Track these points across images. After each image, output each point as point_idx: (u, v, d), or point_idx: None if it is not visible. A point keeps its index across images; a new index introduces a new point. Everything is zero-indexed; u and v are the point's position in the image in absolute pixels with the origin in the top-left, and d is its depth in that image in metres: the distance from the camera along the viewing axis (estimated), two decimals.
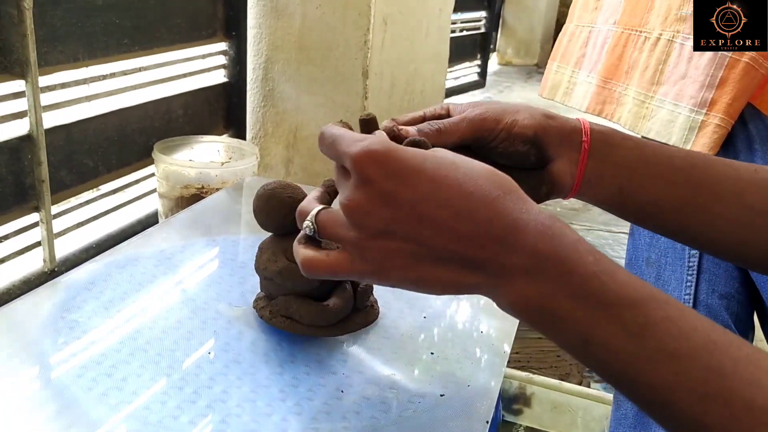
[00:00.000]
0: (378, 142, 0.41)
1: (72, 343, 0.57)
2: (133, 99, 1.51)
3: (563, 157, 0.54)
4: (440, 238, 0.40)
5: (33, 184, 1.25)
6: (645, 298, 0.37)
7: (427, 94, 2.46)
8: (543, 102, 0.93)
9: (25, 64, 1.18)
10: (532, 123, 0.53)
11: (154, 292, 0.66)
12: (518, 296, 0.39)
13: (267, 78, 1.91)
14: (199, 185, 1.47)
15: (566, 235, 0.40)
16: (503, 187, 0.41)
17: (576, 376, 1.25)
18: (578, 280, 0.38)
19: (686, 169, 0.54)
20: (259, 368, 0.55)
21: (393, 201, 0.40)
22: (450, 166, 0.41)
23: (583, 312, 0.37)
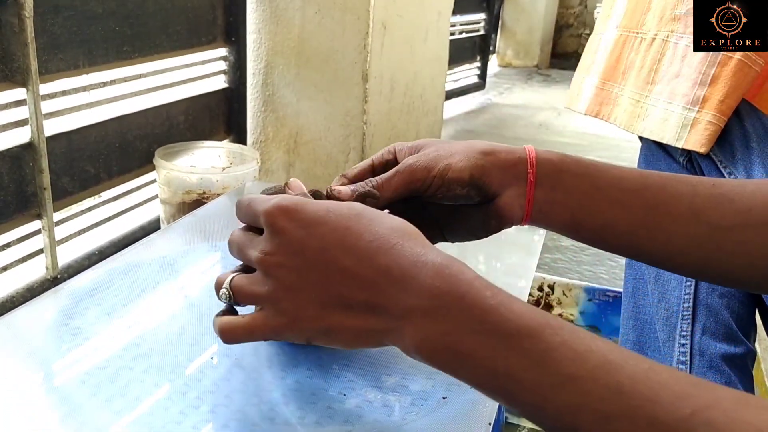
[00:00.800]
0: (287, 197, 0.45)
1: (75, 350, 0.57)
2: (134, 105, 1.51)
3: (509, 190, 0.54)
4: (345, 285, 0.42)
5: (35, 191, 1.25)
6: (542, 326, 0.38)
7: (426, 97, 2.46)
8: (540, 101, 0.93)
9: (26, 73, 1.18)
10: (467, 165, 0.53)
11: (156, 297, 0.66)
12: (422, 338, 0.40)
13: (267, 83, 1.92)
14: (201, 191, 1.47)
15: (463, 272, 0.41)
16: (403, 235, 0.43)
17: None
18: (477, 315, 0.39)
19: (638, 190, 0.54)
20: (261, 373, 0.56)
21: (302, 250, 0.43)
22: (354, 217, 0.44)
23: (486, 345, 0.38)
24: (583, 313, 1.42)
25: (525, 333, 0.38)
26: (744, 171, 0.78)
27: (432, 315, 0.40)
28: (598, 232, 0.55)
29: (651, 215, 0.53)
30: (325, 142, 1.92)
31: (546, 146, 2.19)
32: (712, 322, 0.78)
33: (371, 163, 0.59)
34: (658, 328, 0.82)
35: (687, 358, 0.78)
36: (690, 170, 0.84)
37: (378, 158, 0.59)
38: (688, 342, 0.78)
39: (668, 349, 0.79)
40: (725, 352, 0.77)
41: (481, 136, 3.16)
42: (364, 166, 0.59)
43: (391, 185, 0.54)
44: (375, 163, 0.59)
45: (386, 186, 0.54)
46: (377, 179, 0.55)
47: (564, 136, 3.23)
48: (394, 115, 2.13)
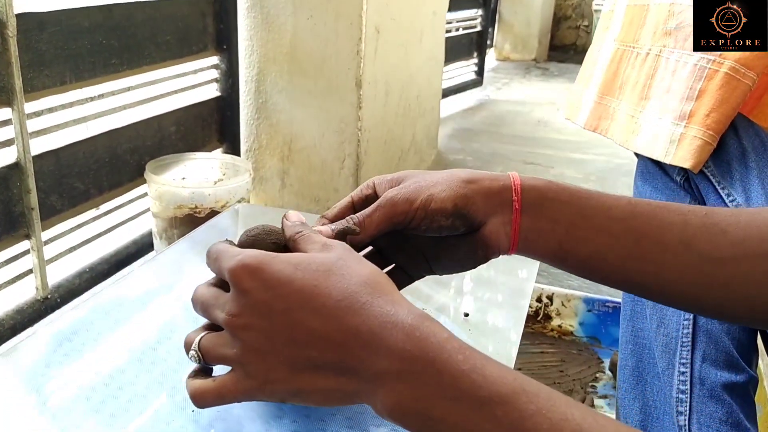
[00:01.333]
0: (252, 255, 0.43)
1: (74, 367, 0.56)
2: (124, 119, 1.49)
3: (494, 218, 0.52)
4: (314, 347, 0.41)
5: (23, 211, 1.23)
6: (516, 392, 0.37)
7: (423, 98, 2.44)
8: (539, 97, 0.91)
9: (11, 92, 1.16)
10: (450, 195, 0.51)
11: (155, 313, 0.65)
12: (394, 402, 0.39)
13: (260, 90, 1.89)
14: (193, 205, 1.45)
15: (434, 334, 0.39)
16: (374, 291, 0.41)
17: (579, 392, 1.23)
18: (449, 381, 0.38)
19: (627, 219, 0.51)
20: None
21: (268, 312, 0.41)
22: (321, 274, 0.42)
23: (459, 412, 0.37)
24: (582, 324, 1.41)
25: (498, 400, 0.37)
26: (742, 191, 0.76)
27: (403, 380, 0.39)
28: (587, 262, 0.53)
29: (640, 245, 0.51)
30: (320, 149, 1.90)
31: (545, 143, 2.18)
32: (713, 349, 0.76)
33: (350, 200, 0.57)
34: (657, 355, 0.80)
35: (687, 387, 0.76)
36: (687, 190, 0.82)
37: (357, 194, 0.57)
38: (688, 371, 0.76)
39: (668, 377, 0.77)
40: (726, 381, 0.75)
41: (479, 134, 3.14)
42: (344, 204, 0.57)
43: (372, 221, 0.52)
44: (354, 199, 0.57)
45: (368, 222, 0.52)
46: (358, 216, 0.53)
47: (563, 133, 3.21)
48: (389, 119, 2.11)
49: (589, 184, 2.51)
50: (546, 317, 1.44)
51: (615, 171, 2.64)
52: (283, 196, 1.97)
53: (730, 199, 0.76)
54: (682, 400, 0.75)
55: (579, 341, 1.41)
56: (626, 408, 0.82)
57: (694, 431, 0.74)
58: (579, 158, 2.82)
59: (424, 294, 0.75)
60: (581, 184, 2.46)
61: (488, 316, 0.74)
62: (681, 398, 0.76)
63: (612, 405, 1.21)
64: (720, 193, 0.77)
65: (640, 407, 0.80)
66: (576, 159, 2.81)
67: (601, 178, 2.58)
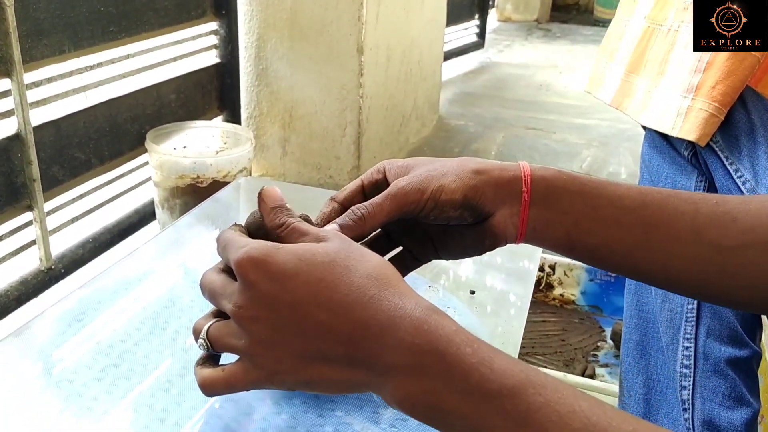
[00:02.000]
0: (256, 247, 0.43)
1: (82, 345, 0.57)
2: (123, 88, 1.48)
3: (503, 209, 0.52)
4: (323, 339, 0.41)
5: (24, 183, 1.23)
6: (524, 384, 0.37)
7: (424, 62, 2.41)
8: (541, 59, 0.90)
9: (9, 63, 1.15)
10: (459, 186, 0.51)
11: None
12: (404, 394, 0.40)
13: (260, 57, 1.87)
14: (195, 175, 1.44)
15: (443, 327, 0.40)
16: (380, 283, 0.41)
17: (581, 361, 1.24)
18: (458, 375, 0.38)
19: (637, 209, 0.51)
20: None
21: (275, 305, 0.41)
22: (327, 266, 0.42)
23: (468, 405, 0.38)
24: (584, 293, 1.41)
25: (507, 393, 0.37)
26: (750, 166, 0.75)
27: (412, 373, 0.39)
28: (594, 252, 0.53)
29: (650, 235, 0.51)
30: (321, 116, 1.88)
31: (547, 108, 2.16)
32: (717, 325, 0.77)
33: (361, 184, 0.56)
34: (661, 330, 0.80)
35: (691, 362, 0.76)
36: (694, 165, 0.81)
37: (368, 178, 0.56)
38: (692, 345, 0.76)
39: (672, 352, 0.78)
40: (730, 356, 0.75)
41: (481, 99, 3.11)
42: (354, 188, 0.56)
43: (383, 210, 0.52)
44: (365, 183, 0.56)
45: (378, 211, 0.52)
46: (368, 205, 0.52)
47: (566, 97, 3.18)
48: (391, 85, 2.09)
49: (592, 149, 2.50)
50: (548, 286, 1.45)
51: (618, 136, 2.63)
52: (285, 164, 1.96)
53: (738, 174, 0.75)
54: (685, 375, 0.76)
55: (581, 310, 1.42)
56: (630, 381, 0.83)
57: (697, 405, 0.75)
58: (582, 123, 2.80)
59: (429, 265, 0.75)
60: (583, 150, 2.46)
61: (496, 282, 0.74)
62: (685, 373, 0.76)
63: (613, 374, 1.23)
64: (728, 169, 0.76)
65: (644, 381, 0.81)
66: (579, 124, 2.79)
67: (603, 143, 2.56)
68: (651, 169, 0.86)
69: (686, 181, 0.81)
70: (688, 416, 0.75)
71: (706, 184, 0.80)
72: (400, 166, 0.55)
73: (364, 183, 0.56)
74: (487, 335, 0.66)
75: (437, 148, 2.43)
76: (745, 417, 0.74)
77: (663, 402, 0.79)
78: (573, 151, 2.47)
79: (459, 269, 0.76)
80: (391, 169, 0.55)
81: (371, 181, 0.56)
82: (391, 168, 0.55)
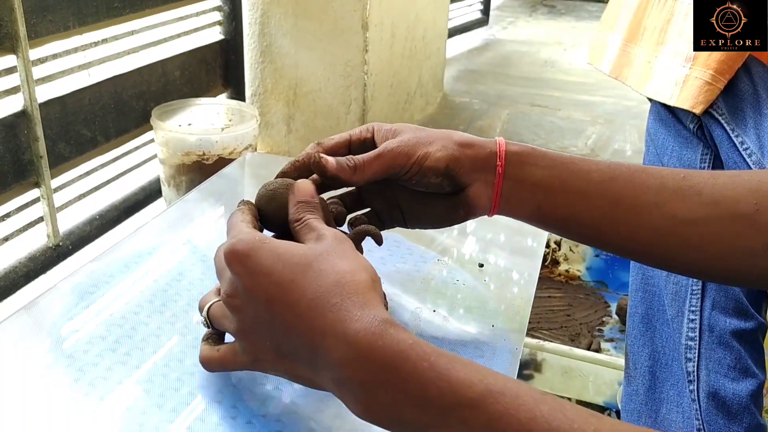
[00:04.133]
0: (244, 240, 0.44)
1: (94, 316, 0.58)
2: (128, 64, 1.47)
3: (478, 182, 0.55)
4: (290, 339, 0.42)
5: (31, 159, 1.23)
6: (483, 395, 0.37)
7: (429, 39, 2.40)
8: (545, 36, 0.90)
9: (15, 39, 1.14)
10: (444, 155, 0.54)
11: (167, 259, 0.65)
12: (365, 407, 0.40)
13: (264, 33, 1.86)
14: (200, 152, 1.44)
15: (398, 342, 0.40)
16: (346, 291, 0.42)
17: (586, 336, 1.25)
18: (415, 389, 0.38)
19: (604, 182, 0.54)
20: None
21: (253, 299, 0.43)
22: (301, 268, 0.43)
23: (430, 417, 0.38)
24: (589, 268, 1.42)
25: (466, 404, 0.37)
26: (756, 138, 0.75)
27: (369, 388, 0.40)
28: (563, 223, 0.56)
29: (616, 207, 0.54)
30: (326, 93, 1.88)
31: (552, 85, 2.15)
32: (722, 297, 0.77)
33: (348, 138, 0.58)
34: (666, 303, 0.81)
35: (696, 335, 0.77)
36: (700, 138, 0.81)
37: (356, 134, 0.59)
38: (697, 318, 0.77)
39: (677, 324, 0.78)
40: (735, 328, 0.76)
41: (486, 75, 3.10)
42: (341, 139, 0.58)
43: (371, 168, 0.54)
44: (353, 138, 0.58)
45: (366, 168, 0.54)
46: (357, 159, 0.55)
47: (570, 74, 3.16)
48: (395, 62, 2.08)
49: (597, 126, 2.49)
50: (554, 262, 1.45)
51: (623, 113, 2.62)
52: (289, 141, 1.96)
53: (744, 147, 0.75)
54: (690, 347, 0.77)
55: (586, 286, 1.43)
56: (635, 354, 0.83)
57: (702, 377, 0.76)
58: (587, 100, 2.79)
59: (437, 240, 0.76)
60: (588, 127, 2.46)
61: (501, 260, 0.74)
62: (690, 345, 0.77)
63: (618, 348, 1.24)
64: (733, 141, 0.76)
65: (649, 354, 0.82)
66: (584, 101, 2.78)
67: (609, 120, 2.55)
68: (656, 143, 0.86)
69: (692, 154, 0.81)
70: (694, 388, 0.76)
71: (712, 157, 0.80)
72: (388, 129, 0.58)
73: (351, 138, 0.59)
74: (495, 308, 0.67)
75: (442, 125, 2.43)
76: (751, 388, 0.75)
77: (668, 374, 0.80)
78: (578, 128, 2.46)
79: (464, 246, 0.77)
80: (379, 131, 0.58)
81: (359, 138, 0.59)
82: (380, 130, 0.58)
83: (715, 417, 0.75)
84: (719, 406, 0.75)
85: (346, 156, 0.55)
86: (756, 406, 0.75)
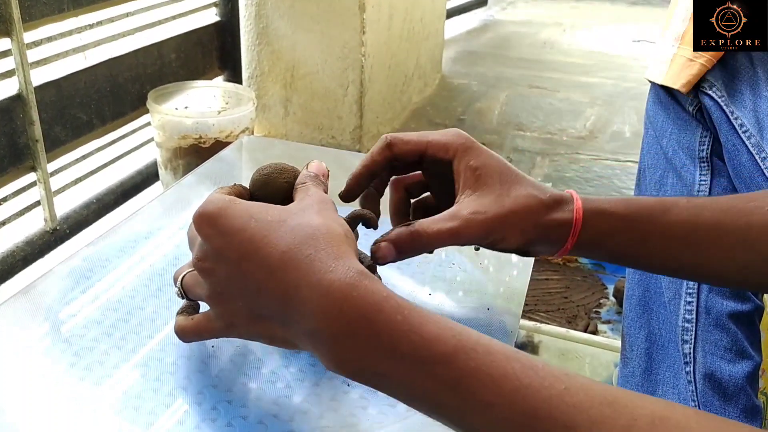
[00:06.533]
0: (212, 201, 0.44)
1: (91, 300, 0.58)
2: (123, 47, 1.46)
3: (542, 247, 0.55)
4: (261, 297, 0.42)
5: (27, 143, 1.23)
6: (455, 351, 0.37)
7: (427, 20, 2.38)
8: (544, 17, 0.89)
9: (9, 22, 1.14)
10: (521, 241, 0.53)
11: (163, 244, 0.65)
12: (337, 359, 0.40)
13: (260, 15, 1.84)
14: (197, 135, 1.44)
15: (372, 293, 0.39)
16: (319, 243, 0.41)
17: (583, 318, 1.25)
18: (388, 341, 0.38)
19: (687, 236, 0.53)
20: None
21: (223, 259, 0.43)
22: (275, 224, 0.42)
23: (401, 370, 0.38)
24: None
25: (439, 359, 0.37)
26: (755, 121, 0.75)
27: (342, 340, 0.39)
28: (640, 268, 0.60)
29: (700, 256, 0.54)
30: (323, 76, 1.87)
31: (551, 66, 2.12)
32: None
33: (369, 167, 0.57)
34: (663, 285, 0.81)
35: (693, 317, 0.77)
36: (699, 120, 0.81)
37: (377, 159, 0.56)
38: (694, 300, 0.77)
39: (674, 306, 0.78)
40: (732, 310, 0.76)
41: (485, 57, 3.08)
42: (360, 174, 0.57)
43: (441, 237, 0.52)
44: (373, 166, 0.57)
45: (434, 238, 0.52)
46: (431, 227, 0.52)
47: (570, 55, 3.15)
48: (393, 44, 2.06)
49: (596, 108, 2.48)
50: None
51: (623, 95, 2.61)
52: (287, 124, 1.95)
53: (743, 129, 0.75)
54: (687, 329, 0.77)
55: (583, 268, 1.43)
56: (632, 336, 0.84)
57: (698, 359, 0.76)
58: (586, 81, 2.78)
59: None
60: (587, 109, 2.45)
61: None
62: (686, 327, 0.77)
63: (615, 330, 1.24)
64: (732, 123, 0.76)
65: (646, 336, 0.82)
66: (583, 82, 2.77)
67: (608, 102, 2.55)
68: (655, 126, 0.86)
69: (690, 137, 0.81)
70: (690, 370, 0.76)
71: (711, 140, 0.79)
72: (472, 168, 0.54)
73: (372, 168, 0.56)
74: (492, 292, 0.67)
75: (440, 107, 2.42)
76: (747, 370, 0.75)
77: (665, 356, 0.80)
78: (577, 110, 2.45)
79: None
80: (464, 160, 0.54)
81: (380, 161, 0.56)
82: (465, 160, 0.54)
83: (711, 398, 0.75)
84: (715, 387, 0.75)
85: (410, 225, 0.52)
86: (752, 388, 0.76)
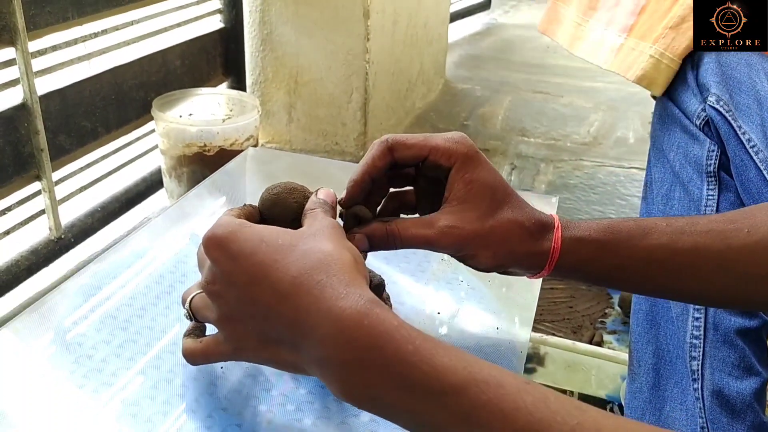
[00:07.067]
0: (222, 225, 0.44)
1: (100, 319, 0.58)
2: (128, 55, 1.46)
3: (522, 270, 0.56)
4: (271, 322, 0.42)
5: (32, 152, 1.23)
6: (467, 382, 0.37)
7: (431, 25, 2.38)
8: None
9: (14, 31, 1.13)
10: (492, 264, 0.54)
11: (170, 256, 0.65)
12: (348, 387, 0.39)
13: (264, 21, 1.84)
14: (201, 143, 1.44)
15: (383, 322, 0.39)
16: (331, 269, 0.41)
17: (589, 328, 1.25)
18: (399, 372, 0.38)
19: (666, 260, 0.53)
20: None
21: (233, 283, 0.43)
22: (285, 248, 0.42)
23: (411, 401, 0.38)
24: None
25: (449, 391, 0.37)
26: (762, 136, 0.74)
27: (352, 368, 0.39)
28: (621, 290, 0.59)
29: (678, 280, 0.54)
30: (327, 82, 1.87)
31: (554, 71, 2.11)
32: None
33: (369, 172, 0.54)
34: (671, 301, 0.80)
35: (701, 333, 0.77)
36: (707, 134, 0.81)
37: (377, 162, 0.53)
38: (702, 316, 0.77)
39: (682, 322, 0.78)
40: (740, 326, 0.76)
41: (488, 61, 3.08)
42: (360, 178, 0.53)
43: (415, 240, 0.52)
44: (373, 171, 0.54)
45: (406, 239, 0.52)
46: (401, 229, 0.52)
47: (573, 60, 3.12)
48: (397, 49, 2.06)
49: (600, 113, 2.48)
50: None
51: (626, 100, 2.60)
52: (290, 130, 1.95)
53: (751, 144, 0.75)
54: (695, 345, 0.77)
55: None
56: (639, 352, 0.83)
57: (706, 375, 0.76)
58: (590, 86, 2.77)
59: None
60: (591, 114, 2.44)
61: None
62: (694, 343, 0.77)
63: (620, 340, 1.24)
64: (740, 138, 0.76)
65: (653, 351, 0.82)
66: (586, 87, 2.76)
67: (612, 107, 2.54)
68: (662, 139, 0.85)
69: (698, 151, 0.80)
70: (698, 386, 0.76)
71: (719, 154, 0.79)
72: (468, 180, 0.52)
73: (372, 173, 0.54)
74: (498, 308, 0.67)
75: (444, 113, 2.42)
76: (754, 386, 0.75)
77: (672, 372, 0.79)
78: (581, 115, 2.45)
79: None
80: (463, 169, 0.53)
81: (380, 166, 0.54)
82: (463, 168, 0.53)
83: (719, 415, 0.75)
84: (723, 404, 0.75)
85: (387, 222, 0.52)
86: (759, 404, 0.76)
